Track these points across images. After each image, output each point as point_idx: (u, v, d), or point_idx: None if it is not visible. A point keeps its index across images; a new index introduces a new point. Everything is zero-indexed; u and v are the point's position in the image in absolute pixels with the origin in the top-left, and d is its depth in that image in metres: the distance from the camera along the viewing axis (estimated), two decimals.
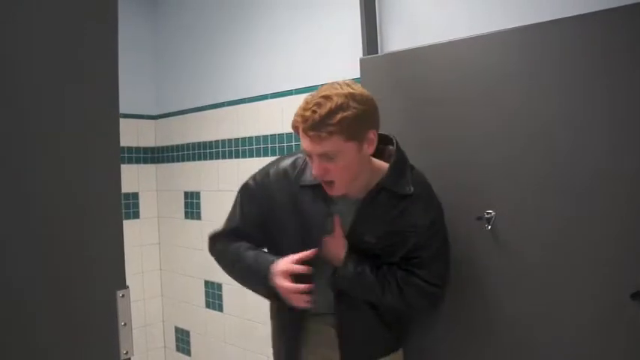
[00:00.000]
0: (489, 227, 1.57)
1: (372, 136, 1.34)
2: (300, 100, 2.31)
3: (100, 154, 0.82)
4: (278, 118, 2.44)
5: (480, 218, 1.58)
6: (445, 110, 1.68)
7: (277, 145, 2.45)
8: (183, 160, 3.05)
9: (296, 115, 1.35)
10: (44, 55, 0.76)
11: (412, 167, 1.48)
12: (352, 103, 1.27)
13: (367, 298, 1.46)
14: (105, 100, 0.83)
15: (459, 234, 1.64)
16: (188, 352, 3.07)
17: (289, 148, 2.39)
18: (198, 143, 2.93)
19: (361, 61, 1.94)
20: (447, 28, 1.81)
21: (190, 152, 2.98)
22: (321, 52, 2.27)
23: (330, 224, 1.43)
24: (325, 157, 1.30)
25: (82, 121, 0.80)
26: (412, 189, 1.41)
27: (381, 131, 1.43)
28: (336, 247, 1.42)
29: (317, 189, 1.42)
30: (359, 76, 1.94)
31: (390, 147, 1.48)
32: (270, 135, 2.49)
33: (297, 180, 1.47)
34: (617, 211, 1.36)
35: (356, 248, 1.42)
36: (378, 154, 1.46)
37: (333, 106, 1.25)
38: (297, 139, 2.34)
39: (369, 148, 1.35)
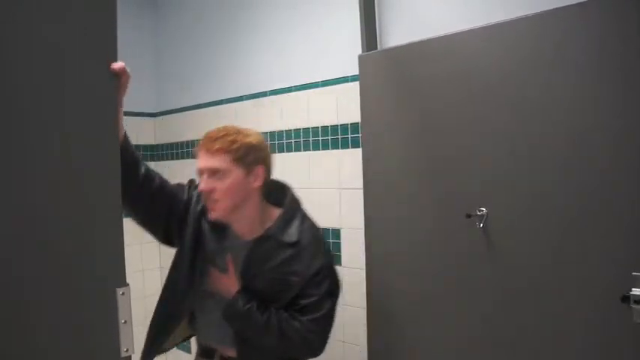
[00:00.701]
0: (481, 225, 1.56)
1: (260, 172, 1.47)
2: (299, 97, 2.34)
3: (99, 152, 0.82)
4: (277, 116, 2.44)
5: (469, 216, 1.57)
6: (443, 105, 1.67)
7: (277, 142, 2.45)
8: (182, 158, 3.05)
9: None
10: (43, 54, 0.76)
11: (304, 217, 1.54)
12: (248, 137, 1.46)
13: (251, 337, 1.49)
14: (104, 98, 0.83)
15: (451, 232, 1.64)
16: (188, 350, 3.08)
17: (288, 145, 2.39)
18: (198, 141, 2.91)
19: (360, 57, 1.94)
20: (447, 22, 1.80)
21: (190, 150, 2.98)
22: (320, 50, 2.27)
23: (222, 261, 1.51)
24: (213, 174, 1.43)
25: (82, 119, 0.80)
26: (297, 238, 1.47)
27: (377, 126, 1.44)
28: (229, 284, 1.49)
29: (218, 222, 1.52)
30: (358, 73, 1.95)
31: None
32: (270, 132, 2.49)
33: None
34: (612, 212, 1.35)
35: (247, 288, 1.49)
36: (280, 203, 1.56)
37: (230, 132, 1.46)
38: (297, 137, 2.35)
39: (256, 182, 1.47)
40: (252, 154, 1.45)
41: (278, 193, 1.57)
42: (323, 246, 1.55)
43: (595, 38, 1.37)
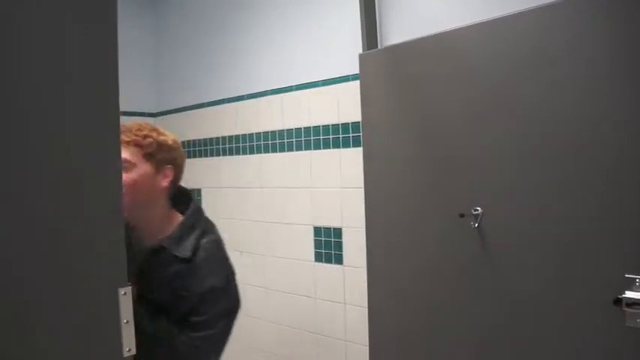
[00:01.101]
0: (476, 225, 1.56)
1: (168, 172, 1.46)
2: (300, 96, 2.34)
3: (99, 152, 0.82)
4: (278, 115, 2.44)
5: (462, 215, 1.56)
6: (443, 103, 1.67)
7: (277, 141, 2.45)
8: None
9: None
10: (44, 55, 0.76)
11: (205, 231, 1.48)
12: (162, 136, 1.46)
13: (142, 344, 1.46)
14: (105, 98, 0.83)
15: (450, 231, 1.63)
16: None
17: (289, 144, 2.39)
18: (199, 140, 2.93)
19: (360, 56, 1.93)
20: (448, 19, 1.79)
21: (191, 149, 2.98)
22: (320, 50, 2.27)
23: None
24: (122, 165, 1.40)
25: (83, 119, 0.80)
26: (191, 254, 1.42)
27: (378, 125, 1.43)
28: None
29: None
30: (358, 72, 1.94)
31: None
32: (271, 131, 2.48)
33: None
34: (607, 214, 1.34)
35: (140, 294, 1.43)
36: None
37: (145, 128, 1.45)
38: (298, 136, 2.35)
39: (163, 181, 1.45)
40: (163, 153, 1.44)
41: (183, 201, 1.53)
42: (222, 264, 1.48)
43: (602, 32, 1.35)
